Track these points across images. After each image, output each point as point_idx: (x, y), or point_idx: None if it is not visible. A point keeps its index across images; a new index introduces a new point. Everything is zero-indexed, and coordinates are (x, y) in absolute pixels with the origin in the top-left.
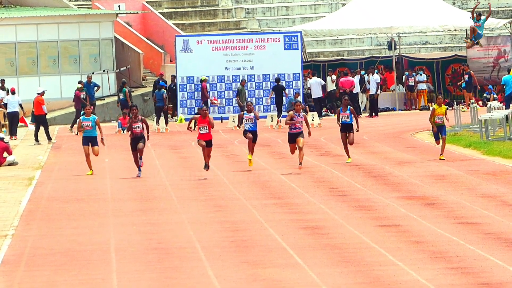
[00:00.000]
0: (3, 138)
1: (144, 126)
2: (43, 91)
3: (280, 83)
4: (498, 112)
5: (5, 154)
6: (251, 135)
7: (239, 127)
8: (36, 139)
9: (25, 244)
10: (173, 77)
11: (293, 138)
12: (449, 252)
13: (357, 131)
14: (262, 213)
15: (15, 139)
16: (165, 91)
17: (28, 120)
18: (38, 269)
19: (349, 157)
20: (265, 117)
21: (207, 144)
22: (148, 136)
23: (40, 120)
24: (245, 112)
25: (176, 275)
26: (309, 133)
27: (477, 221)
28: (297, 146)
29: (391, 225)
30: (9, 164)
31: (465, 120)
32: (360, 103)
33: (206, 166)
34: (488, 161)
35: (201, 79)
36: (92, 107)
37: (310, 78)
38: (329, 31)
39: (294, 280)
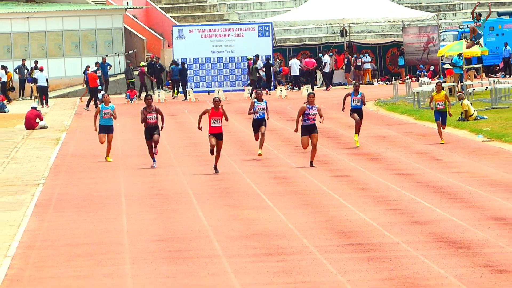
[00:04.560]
0: (36, 107)
1: (159, 116)
2: (97, 69)
3: (269, 61)
4: (427, 86)
5: (37, 120)
6: (262, 129)
7: (249, 113)
8: (88, 105)
9: (53, 191)
10: (158, 59)
11: (307, 131)
12: (388, 196)
13: (364, 104)
14: (241, 166)
15: (46, 107)
16: (179, 67)
17: (60, 92)
18: (63, 210)
19: (358, 134)
20: (242, 90)
21: (217, 137)
22: (162, 127)
23: (93, 91)
24: (255, 100)
25: (173, 215)
26: (322, 121)
27: (410, 172)
28: (311, 143)
29: (342, 175)
30: (41, 128)
31: (401, 92)
32: (318, 79)
33: (215, 169)
34: (419, 125)
35: (247, 58)
36: (109, 96)
37: (281, 60)
38: (294, 22)
39: (266, 219)
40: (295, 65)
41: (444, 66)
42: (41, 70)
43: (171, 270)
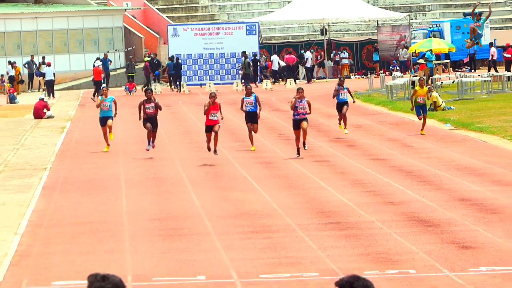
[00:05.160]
0: (43, 98)
1: (157, 107)
2: (100, 64)
3: (256, 57)
4: (399, 79)
5: (44, 110)
6: (251, 123)
7: (242, 109)
8: (94, 95)
9: (59, 175)
10: (155, 55)
11: (297, 125)
12: (364, 179)
13: (354, 102)
14: (230, 153)
15: (53, 98)
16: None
17: (65, 85)
18: (68, 192)
19: (345, 126)
20: (230, 83)
21: (213, 127)
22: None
23: (97, 84)
24: (244, 96)
25: (168, 197)
26: (309, 112)
27: (384, 157)
28: (301, 128)
29: (322, 160)
30: (48, 117)
31: (376, 85)
32: (300, 73)
33: (214, 151)
34: (392, 115)
35: (244, 52)
36: (108, 89)
37: (268, 56)
38: (278, 21)
39: (253, 200)
40: (275, 61)
41: (418, 61)
42: (49, 65)
43: (166, 247)
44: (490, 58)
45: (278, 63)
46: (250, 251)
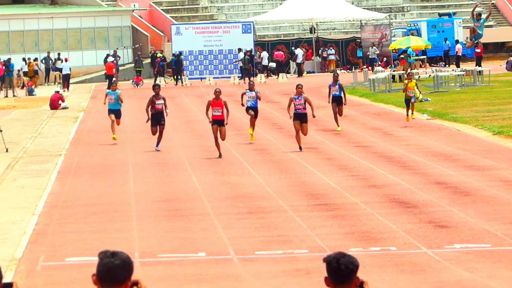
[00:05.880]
0: (59, 91)
1: (164, 103)
2: (112, 60)
3: (251, 54)
4: (381, 74)
5: (60, 102)
6: (253, 112)
7: (243, 104)
8: (108, 88)
9: (73, 160)
10: (161, 52)
11: (298, 118)
12: (349, 165)
13: (345, 104)
14: (227, 140)
15: (67, 91)
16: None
17: (79, 79)
18: (81, 176)
19: (338, 126)
20: (228, 77)
21: (219, 123)
22: (167, 113)
23: (110, 78)
24: (247, 90)
25: (171, 180)
26: (313, 115)
27: (367, 144)
28: (301, 128)
29: (311, 147)
30: (62, 108)
31: (359, 79)
32: (291, 68)
33: (220, 155)
34: (375, 106)
35: (246, 50)
36: (117, 84)
37: (261, 52)
38: (271, 21)
39: (248, 183)
40: (265, 57)
41: (401, 56)
42: (66, 60)
43: (170, 226)
44: (456, 54)
45: (268, 58)
46: (246, 230)
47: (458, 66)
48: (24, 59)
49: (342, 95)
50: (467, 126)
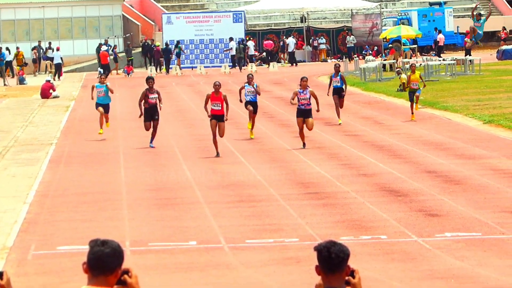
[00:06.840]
0: (50, 80)
1: (159, 97)
2: (107, 49)
3: (243, 43)
4: (372, 63)
5: (51, 91)
6: (252, 107)
7: (241, 100)
8: (106, 76)
9: (64, 149)
10: (152, 41)
11: (302, 114)
12: (340, 153)
13: (343, 94)
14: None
15: (59, 80)
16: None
17: (70, 68)
18: (72, 165)
19: (339, 118)
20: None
21: (218, 119)
22: (160, 107)
23: (105, 67)
24: (246, 84)
25: (163, 169)
26: (317, 110)
27: (358, 133)
28: (306, 124)
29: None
30: (54, 97)
31: (350, 68)
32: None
33: (217, 154)
34: (365, 95)
35: (242, 39)
36: (104, 77)
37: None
38: (262, 10)
39: (239, 172)
40: (251, 46)
41: (390, 46)
42: (57, 50)
43: (161, 215)
44: (438, 44)
45: (254, 47)
46: (237, 218)
47: (439, 56)
48: (7, 49)
49: (344, 86)
50: (457, 115)
